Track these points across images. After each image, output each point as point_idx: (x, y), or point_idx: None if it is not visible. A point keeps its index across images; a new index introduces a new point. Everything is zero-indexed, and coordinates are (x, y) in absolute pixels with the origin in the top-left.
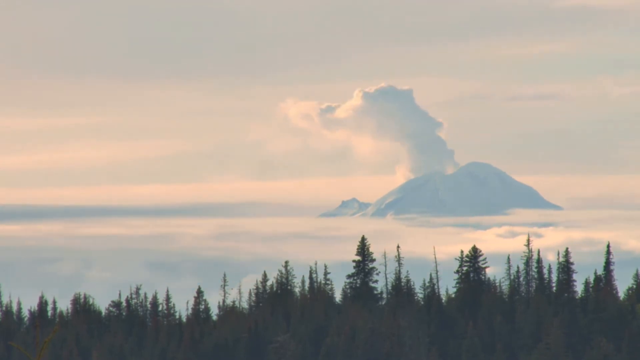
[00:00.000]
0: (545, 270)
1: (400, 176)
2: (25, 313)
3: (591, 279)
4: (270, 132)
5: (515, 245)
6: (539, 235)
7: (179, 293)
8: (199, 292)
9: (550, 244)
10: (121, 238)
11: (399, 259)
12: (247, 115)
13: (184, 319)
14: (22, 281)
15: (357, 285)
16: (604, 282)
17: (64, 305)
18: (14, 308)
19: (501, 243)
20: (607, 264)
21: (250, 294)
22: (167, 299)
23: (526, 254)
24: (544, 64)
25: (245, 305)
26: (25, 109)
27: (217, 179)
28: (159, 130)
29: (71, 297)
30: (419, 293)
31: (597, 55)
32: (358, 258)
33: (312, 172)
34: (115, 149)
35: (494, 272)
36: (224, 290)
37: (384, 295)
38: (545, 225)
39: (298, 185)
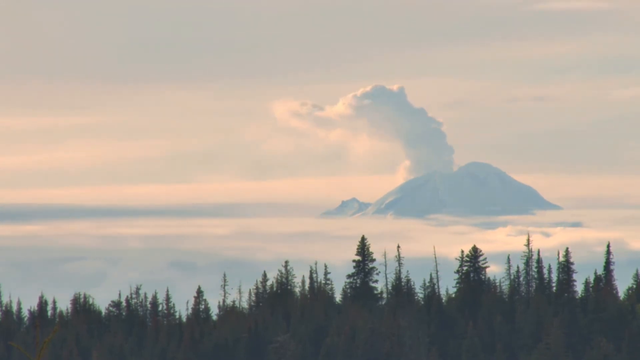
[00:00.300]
0: (545, 270)
1: (400, 176)
2: (25, 313)
3: (591, 279)
4: (268, 133)
5: (516, 246)
6: (548, 235)
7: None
8: (199, 292)
9: (556, 243)
10: (137, 238)
11: (399, 259)
12: (244, 116)
13: (184, 319)
14: (44, 281)
15: (357, 285)
16: (604, 282)
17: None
18: (14, 308)
19: (504, 243)
20: (607, 264)
21: (250, 293)
22: (167, 299)
23: (526, 254)
24: (544, 65)
25: (245, 305)
26: (26, 109)
27: (215, 179)
28: (157, 131)
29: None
30: (419, 293)
31: (597, 56)
32: (358, 258)
33: (312, 172)
34: (114, 149)
35: (495, 271)
36: (224, 290)
37: (384, 295)
38: (550, 225)
39: (298, 186)
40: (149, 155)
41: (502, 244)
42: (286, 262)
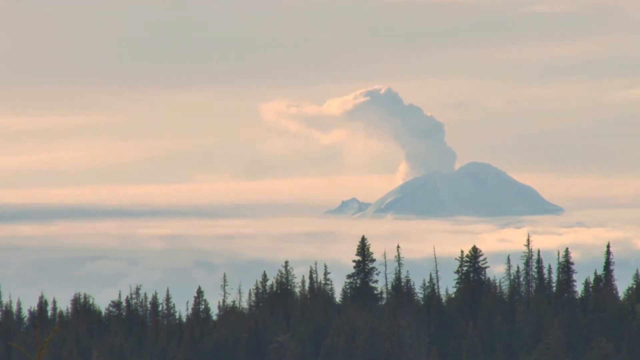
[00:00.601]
0: (545, 271)
1: (400, 176)
2: (25, 313)
3: (591, 279)
4: (267, 134)
5: (518, 246)
6: (559, 234)
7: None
8: (199, 292)
9: (565, 243)
10: (155, 238)
11: (399, 259)
12: (243, 117)
13: (184, 319)
14: (63, 281)
15: (357, 285)
16: (603, 282)
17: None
18: (14, 308)
19: (503, 243)
20: (607, 264)
21: (250, 294)
22: (167, 299)
23: (526, 254)
24: (544, 65)
25: (245, 305)
26: (26, 109)
27: (215, 179)
28: (157, 131)
29: (113, 297)
30: (419, 293)
31: (597, 56)
32: (358, 258)
33: (312, 172)
34: (114, 149)
35: (501, 272)
36: (224, 290)
37: (384, 295)
38: (556, 226)
39: (298, 186)
40: (149, 155)
41: (504, 245)
42: (286, 262)
